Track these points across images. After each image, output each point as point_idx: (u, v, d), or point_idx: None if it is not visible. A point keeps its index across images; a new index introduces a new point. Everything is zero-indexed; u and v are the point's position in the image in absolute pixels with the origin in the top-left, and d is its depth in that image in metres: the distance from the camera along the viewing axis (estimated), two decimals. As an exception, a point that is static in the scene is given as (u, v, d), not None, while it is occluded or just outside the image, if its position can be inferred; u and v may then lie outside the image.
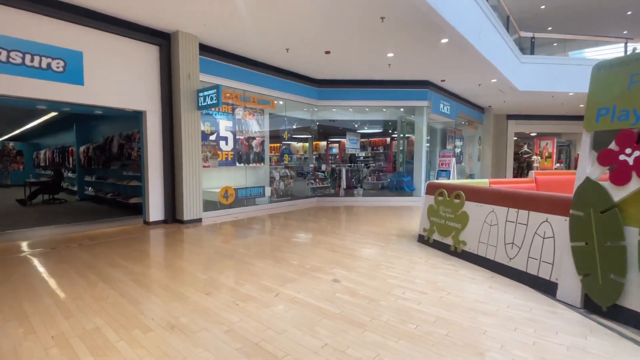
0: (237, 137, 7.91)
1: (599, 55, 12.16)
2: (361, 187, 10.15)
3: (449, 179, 10.05)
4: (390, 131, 13.31)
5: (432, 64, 8.30)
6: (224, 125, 7.53)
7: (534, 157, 19.34)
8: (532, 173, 6.11)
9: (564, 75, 11.01)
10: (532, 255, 3.27)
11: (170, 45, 6.24)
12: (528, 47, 11.83)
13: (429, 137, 10.51)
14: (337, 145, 17.67)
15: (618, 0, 13.59)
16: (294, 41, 6.74)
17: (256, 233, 5.70)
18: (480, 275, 3.55)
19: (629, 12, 14.55)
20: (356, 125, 11.72)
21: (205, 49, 6.77)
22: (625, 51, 11.94)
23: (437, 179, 10.47)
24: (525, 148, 21.88)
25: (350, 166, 10.27)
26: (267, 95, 8.32)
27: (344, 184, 9.96)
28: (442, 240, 4.56)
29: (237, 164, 7.92)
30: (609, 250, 2.58)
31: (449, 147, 13.17)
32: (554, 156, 19.14)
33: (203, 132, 6.96)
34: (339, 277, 3.45)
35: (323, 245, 4.83)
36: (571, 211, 2.89)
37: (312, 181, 10.45)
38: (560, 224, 3.04)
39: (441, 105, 10.86)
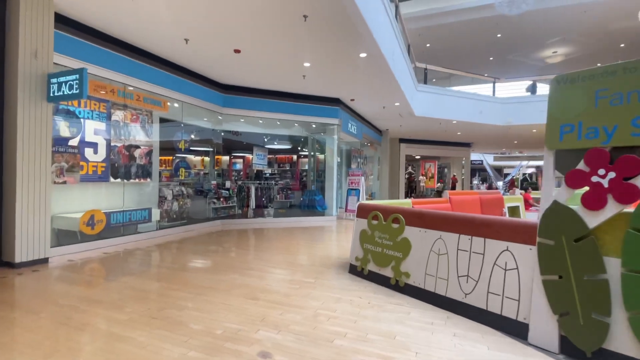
0: (114, 144, 6.08)
1: (478, 89, 14.17)
2: (271, 206, 9.17)
3: (358, 197, 9.93)
4: (299, 148, 12.77)
5: (346, 81, 8.07)
6: (93, 128, 5.66)
7: (421, 177, 21.60)
8: (446, 193, 6.18)
9: (450, 105, 12.36)
10: (493, 290, 2.85)
11: (4, 5, 4.29)
12: (422, 78, 13.01)
13: (339, 158, 10.29)
14: (241, 160, 16.32)
15: (483, 49, 16.39)
16: (195, 31, 5.52)
17: (134, 276, 4.13)
18: (437, 318, 2.99)
19: (491, 58, 17.75)
20: (266, 139, 10.79)
21: (66, 22, 4.97)
22: (494, 90, 14.21)
23: (347, 197, 10.26)
24: (410, 169, 24.38)
25: (259, 183, 9.22)
26: (158, 95, 6.72)
27: (252, 203, 8.82)
28: (379, 271, 3.94)
29: (112, 180, 6.04)
30: (588, 285, 2.27)
31: (353, 166, 13.37)
32: (436, 177, 21.73)
33: (58, 136, 5.02)
34: (268, 346, 2.40)
35: (237, 289, 3.67)
36: (538, 239, 2.56)
37: (215, 200, 8.97)
38: (524, 254, 2.70)
39: (349, 125, 10.85)
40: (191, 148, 8.87)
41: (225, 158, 16.08)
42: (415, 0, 13.20)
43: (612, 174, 2.24)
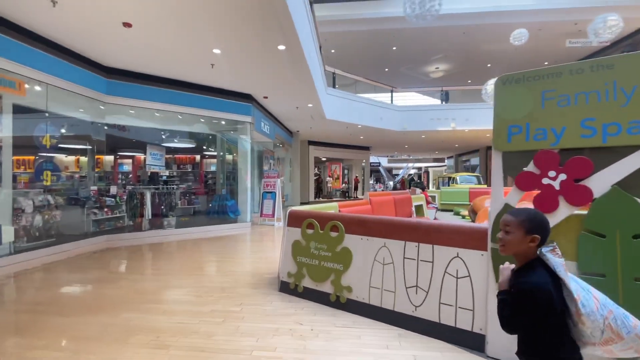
0: None
1: (381, 98, 15.11)
2: (172, 215, 7.86)
3: (274, 201, 9.38)
4: (203, 147, 11.48)
5: (260, 76, 7.44)
6: None
7: (327, 179, 22.20)
8: (367, 194, 6.16)
9: (356, 111, 12.85)
10: (445, 300, 2.71)
11: None
12: (330, 82, 13.19)
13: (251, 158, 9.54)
14: (129, 161, 13.91)
15: (380, 60, 17.66)
16: (68, -10, 4.18)
17: (-29, 330, 2.78)
18: (390, 338, 2.71)
19: (386, 69, 19.29)
20: (164, 136, 9.28)
21: None
22: (392, 98, 15.36)
23: (262, 201, 9.60)
24: (316, 171, 24.90)
25: (156, 189, 7.81)
26: (9, 72, 4.94)
27: (148, 212, 7.39)
28: (317, 287, 3.51)
29: None
30: (544, 290, 2.26)
31: (265, 167, 12.74)
32: (341, 178, 22.65)
33: None
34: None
35: (135, 335, 2.75)
36: (491, 244, 2.49)
37: (96, 211, 7.22)
38: (476, 260, 2.61)
39: (262, 124, 10.22)
40: (61, 145, 6.98)
41: (109, 158, 13.48)
42: (326, 4, 13.31)
43: (563, 176, 2.27)
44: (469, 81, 20.37)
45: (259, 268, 4.85)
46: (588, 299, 1.11)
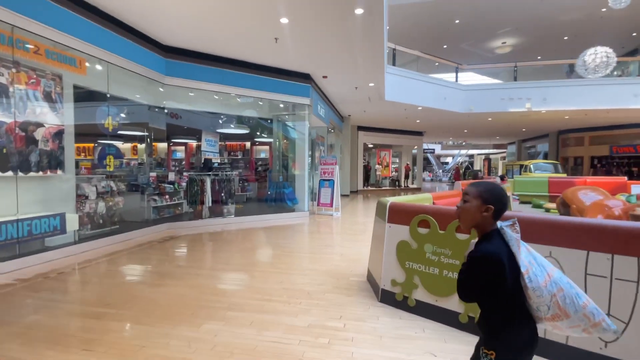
0: (-3, 118, 3.97)
1: (446, 77, 13.73)
2: (232, 202, 7.48)
3: (332, 189, 8.71)
4: (258, 132, 11.05)
5: (325, 50, 6.67)
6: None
7: (377, 166, 21.18)
8: (458, 184, 5.24)
9: (416, 91, 11.66)
10: (669, 340, 1.83)
11: None
12: (390, 60, 12.10)
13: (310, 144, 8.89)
14: (182, 148, 13.97)
15: (438, 34, 16.10)
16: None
17: (43, 331, 2.38)
18: (579, 389, 1.89)
19: (445, 46, 17.63)
20: (220, 121, 8.92)
21: None
22: (457, 76, 13.92)
23: (319, 189, 8.98)
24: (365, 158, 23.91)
25: (216, 175, 7.45)
26: (70, 48, 4.62)
27: (209, 200, 7.05)
28: (436, 302, 2.74)
29: (-3, 173, 3.96)
30: None
31: (316, 154, 12.08)
32: (390, 165, 21.52)
33: None
34: None
35: (228, 356, 2.18)
36: None
37: (156, 198, 7.01)
38: None
39: (318, 107, 9.51)
40: (120, 132, 6.78)
41: (163, 145, 13.61)
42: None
43: None
44: (539, 57, 18.10)
45: (339, 267, 4.19)
46: (538, 274, 1.13)
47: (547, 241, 2.24)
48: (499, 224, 1.22)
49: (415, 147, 21.38)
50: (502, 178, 8.18)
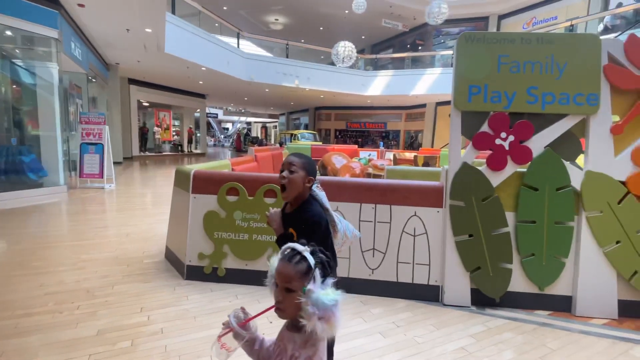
0: None
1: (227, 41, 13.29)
2: None
3: (102, 156, 7.05)
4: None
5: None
6: None
7: (156, 129, 18.80)
8: (251, 150, 5.46)
9: (200, 49, 10.96)
10: (403, 259, 2.69)
11: None
12: (169, 8, 10.54)
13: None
14: None
15: (222, -6, 15.49)
16: None
17: None
18: (356, 306, 2.48)
19: (225, 8, 17.20)
20: None
21: None
22: (238, 42, 13.95)
23: (81, 155, 7.02)
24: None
25: None
26: None
27: None
28: (247, 266, 2.81)
29: None
30: (495, 239, 2.54)
31: (71, 109, 9.32)
32: (171, 128, 19.68)
33: None
34: None
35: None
36: (450, 202, 2.58)
37: None
38: (432, 218, 2.66)
39: (72, 46, 7.21)
40: None
41: None
42: None
43: (511, 137, 2.52)
44: (302, 40, 21.00)
45: (126, 250, 3.51)
46: (340, 221, 1.50)
47: (335, 198, 2.73)
48: None
49: (198, 110, 20.41)
50: (281, 144, 9.18)
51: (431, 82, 14.72)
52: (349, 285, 2.70)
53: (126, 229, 4.33)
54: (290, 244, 0.92)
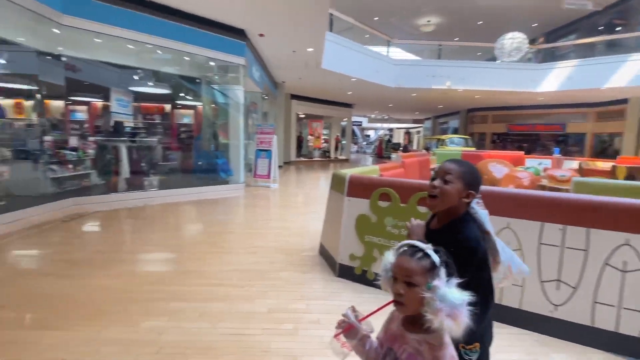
0: None
1: (380, 49, 13.81)
2: (153, 173, 6.56)
3: (270, 160, 8.31)
4: (182, 94, 9.81)
5: (264, 3, 5.98)
6: None
7: (309, 137, 21.07)
8: (397, 156, 5.36)
9: (351, 61, 11.58)
10: (603, 299, 2.06)
11: None
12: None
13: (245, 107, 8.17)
14: (84, 108, 11.77)
15: (370, 5, 16.07)
16: None
17: None
18: (528, 344, 2.04)
19: (376, 18, 17.74)
20: (137, 78, 7.60)
21: None
22: (388, 50, 14.18)
23: (255, 160, 8.48)
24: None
25: (132, 142, 6.38)
26: None
27: (126, 170, 6.04)
28: (396, 274, 2.74)
29: None
30: None
31: (249, 121, 11.37)
32: (321, 137, 21.61)
33: None
34: None
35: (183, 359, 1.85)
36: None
37: (54, 167, 5.78)
38: (657, 250, 1.94)
39: (254, 70, 8.77)
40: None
41: (58, 104, 11.38)
42: None
43: None
44: (456, 39, 19.48)
45: (288, 242, 3.98)
46: (503, 250, 1.18)
47: (505, 213, 2.33)
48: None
49: (345, 119, 21.73)
50: (427, 149, 8.70)
51: (637, 71, 11.20)
52: (519, 319, 2.26)
53: (286, 223, 4.93)
54: (408, 241, 0.89)
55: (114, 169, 6.07)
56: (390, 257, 0.88)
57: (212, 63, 7.51)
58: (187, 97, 9.66)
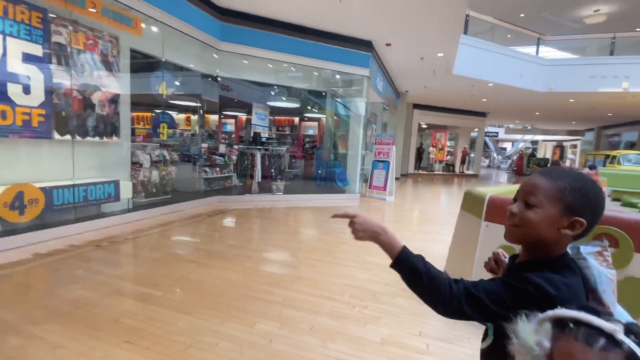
0: (57, 81, 3.83)
1: (526, 50, 12.06)
2: (281, 179, 7.16)
3: (387, 171, 8.03)
4: (309, 107, 10.55)
5: (394, 12, 5.82)
6: (20, 51, 3.39)
7: (431, 149, 19.84)
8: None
9: (489, 65, 10.28)
10: None
11: None
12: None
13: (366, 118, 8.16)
14: (232, 121, 13.94)
15: (514, 3, 14.05)
16: None
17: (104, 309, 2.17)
18: None
19: (522, 15, 15.46)
20: (272, 93, 8.52)
21: None
22: (537, 49, 12.17)
23: (372, 170, 8.34)
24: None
25: (266, 150, 7.13)
26: (126, 7, 4.36)
27: (258, 175, 6.77)
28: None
29: (57, 136, 3.87)
30: None
31: (368, 132, 11.33)
32: (446, 148, 20.02)
33: None
34: None
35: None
36: None
37: (206, 169, 6.89)
38: None
39: (377, 80, 8.69)
40: (171, 102, 6.60)
41: (214, 117, 13.69)
42: None
43: None
44: (638, 29, 15.23)
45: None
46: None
47: None
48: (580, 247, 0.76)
49: (476, 129, 19.58)
50: (593, 167, 6.91)
51: None
52: None
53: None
54: (569, 313, 0.54)
55: (250, 173, 6.85)
56: (532, 334, 0.55)
57: (337, 76, 7.76)
58: (313, 109, 10.30)
